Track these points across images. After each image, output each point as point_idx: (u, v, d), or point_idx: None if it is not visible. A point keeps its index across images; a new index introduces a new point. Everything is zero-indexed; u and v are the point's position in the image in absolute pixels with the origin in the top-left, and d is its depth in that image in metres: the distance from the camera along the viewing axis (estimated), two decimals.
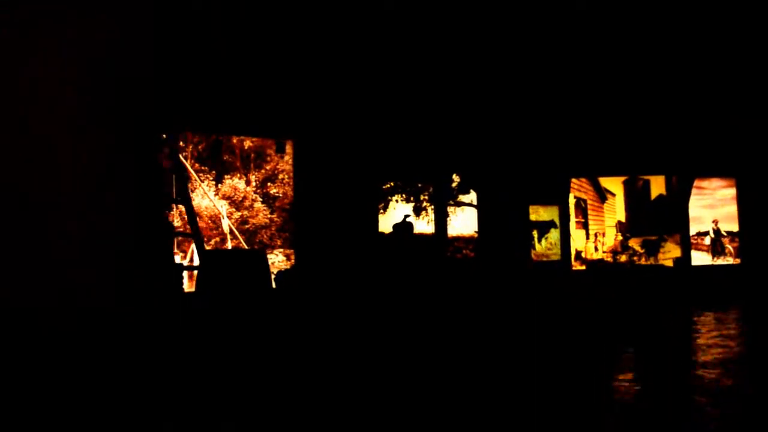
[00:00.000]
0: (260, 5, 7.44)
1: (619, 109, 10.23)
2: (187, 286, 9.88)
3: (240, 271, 6.41)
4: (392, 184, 9.82)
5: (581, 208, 10.84)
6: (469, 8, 7.80)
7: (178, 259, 13.46)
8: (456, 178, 10.88)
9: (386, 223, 9.82)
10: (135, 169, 5.00)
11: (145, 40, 5.22)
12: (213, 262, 6.81)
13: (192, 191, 16.44)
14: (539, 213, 10.34)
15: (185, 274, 10.18)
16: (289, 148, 16.33)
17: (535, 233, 10.36)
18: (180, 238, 14.04)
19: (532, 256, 10.34)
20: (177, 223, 15.18)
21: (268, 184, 16.58)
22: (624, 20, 8.12)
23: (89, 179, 4.67)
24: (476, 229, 10.12)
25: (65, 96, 4.61)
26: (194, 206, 16.12)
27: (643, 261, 10.75)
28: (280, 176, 16.47)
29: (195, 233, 7.04)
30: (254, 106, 8.65)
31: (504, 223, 10.24)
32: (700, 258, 10.80)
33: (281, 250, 15.89)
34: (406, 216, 9.72)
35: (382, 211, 9.66)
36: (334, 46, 8.45)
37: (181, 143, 17.02)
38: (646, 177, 10.92)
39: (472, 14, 7.94)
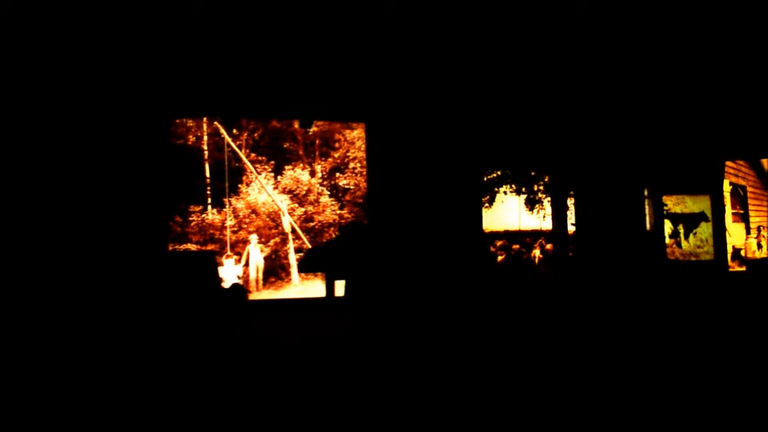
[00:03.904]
0: None
1: None
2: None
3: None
4: (499, 173, 8.04)
5: (739, 197, 9.06)
6: None
7: (231, 262, 12.05)
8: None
9: (492, 219, 8.11)
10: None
11: None
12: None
13: (247, 185, 14.96)
14: (686, 203, 8.51)
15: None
16: (360, 132, 14.66)
17: (680, 228, 8.54)
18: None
19: (678, 255, 8.55)
20: (230, 221, 13.79)
21: (337, 174, 14.74)
22: None
23: None
24: (573, 222, 8.29)
25: None
26: (250, 202, 14.79)
27: None
28: (351, 165, 14.62)
29: None
30: (309, 83, 7.04)
31: (612, 215, 8.40)
32: None
33: None
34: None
35: (487, 205, 7.98)
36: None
37: (234, 131, 15.60)
38: None
39: None
